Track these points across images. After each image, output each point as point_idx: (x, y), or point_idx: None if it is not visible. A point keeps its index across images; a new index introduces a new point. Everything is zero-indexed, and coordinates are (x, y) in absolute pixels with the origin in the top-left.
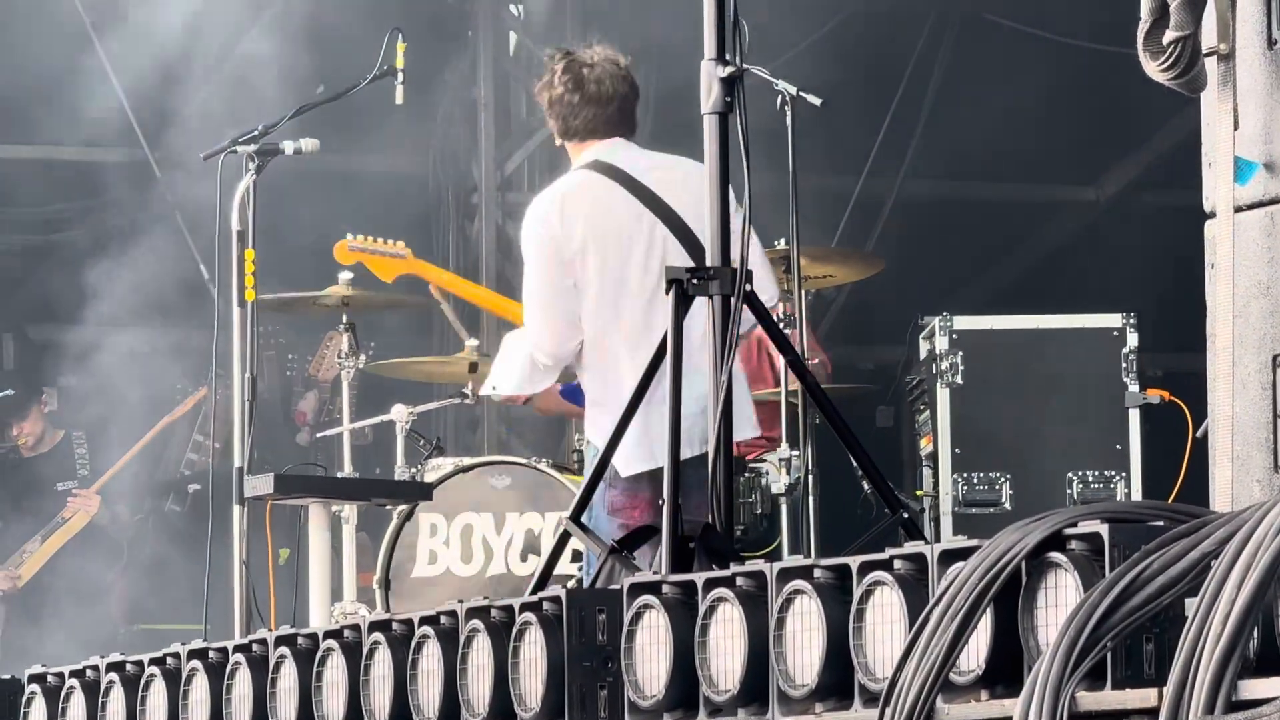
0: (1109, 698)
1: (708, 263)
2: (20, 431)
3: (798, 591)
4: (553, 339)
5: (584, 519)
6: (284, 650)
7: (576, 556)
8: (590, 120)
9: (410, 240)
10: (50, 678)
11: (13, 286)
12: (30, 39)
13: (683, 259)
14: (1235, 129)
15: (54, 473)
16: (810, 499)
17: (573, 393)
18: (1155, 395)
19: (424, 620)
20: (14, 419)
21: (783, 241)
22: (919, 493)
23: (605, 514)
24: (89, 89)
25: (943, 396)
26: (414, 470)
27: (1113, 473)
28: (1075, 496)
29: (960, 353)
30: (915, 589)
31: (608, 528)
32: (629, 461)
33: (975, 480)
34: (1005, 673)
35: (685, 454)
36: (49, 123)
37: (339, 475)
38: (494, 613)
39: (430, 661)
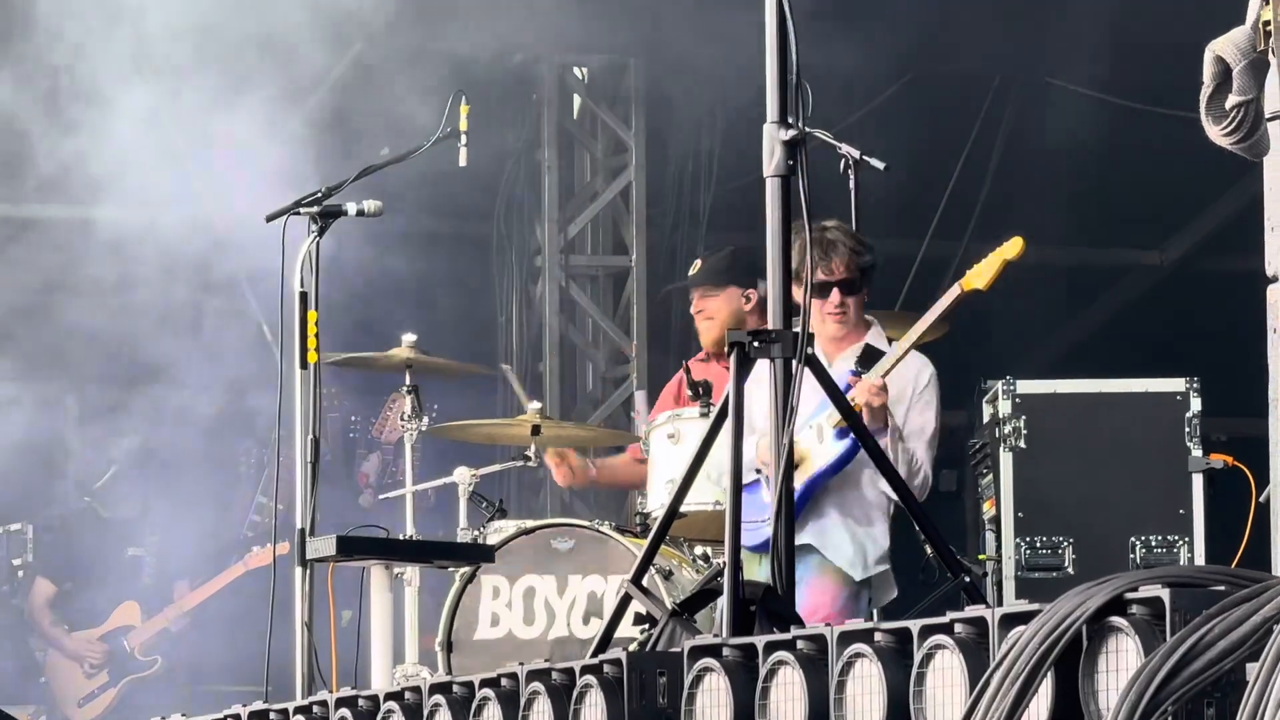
0: None
1: (771, 325)
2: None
3: (858, 655)
4: None
5: None
6: (345, 712)
7: (638, 620)
8: None
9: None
10: None
11: (77, 346)
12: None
13: None
14: None
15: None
16: None
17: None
18: (1218, 460)
19: (485, 682)
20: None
21: None
22: (981, 556)
23: None
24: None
25: (1005, 460)
26: (476, 532)
27: (1175, 537)
28: (1138, 561)
29: (1023, 416)
30: (976, 653)
31: None
32: None
33: (1038, 544)
34: None
35: None
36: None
37: (401, 537)
38: (555, 675)
39: None
